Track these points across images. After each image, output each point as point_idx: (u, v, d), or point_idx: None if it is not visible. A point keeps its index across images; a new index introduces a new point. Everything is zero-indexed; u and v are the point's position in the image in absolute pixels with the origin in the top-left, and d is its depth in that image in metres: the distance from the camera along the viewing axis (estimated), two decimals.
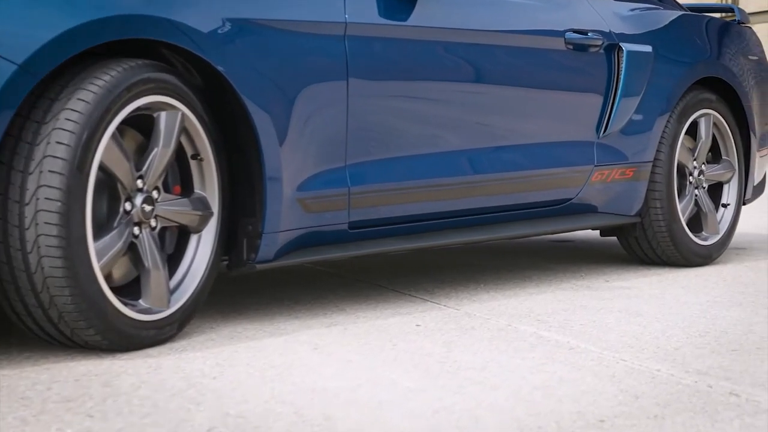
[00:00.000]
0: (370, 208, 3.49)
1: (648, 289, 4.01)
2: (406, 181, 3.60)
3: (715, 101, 4.74)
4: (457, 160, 3.76)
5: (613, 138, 4.32)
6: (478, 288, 4.00)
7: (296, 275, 4.30)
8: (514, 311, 3.53)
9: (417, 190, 3.65)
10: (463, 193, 3.82)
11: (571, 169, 4.19)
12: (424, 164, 3.65)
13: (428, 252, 4.97)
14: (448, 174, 3.73)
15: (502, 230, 4.00)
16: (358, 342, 3.02)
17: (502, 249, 5.25)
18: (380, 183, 3.50)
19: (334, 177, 3.35)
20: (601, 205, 4.36)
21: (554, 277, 4.29)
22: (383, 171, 3.51)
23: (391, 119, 3.52)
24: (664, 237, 4.51)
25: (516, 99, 3.96)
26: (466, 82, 3.78)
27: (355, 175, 3.41)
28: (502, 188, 3.95)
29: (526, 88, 4.00)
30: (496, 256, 4.97)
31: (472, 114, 3.82)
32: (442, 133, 3.72)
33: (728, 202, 4.87)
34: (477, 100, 3.82)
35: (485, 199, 3.92)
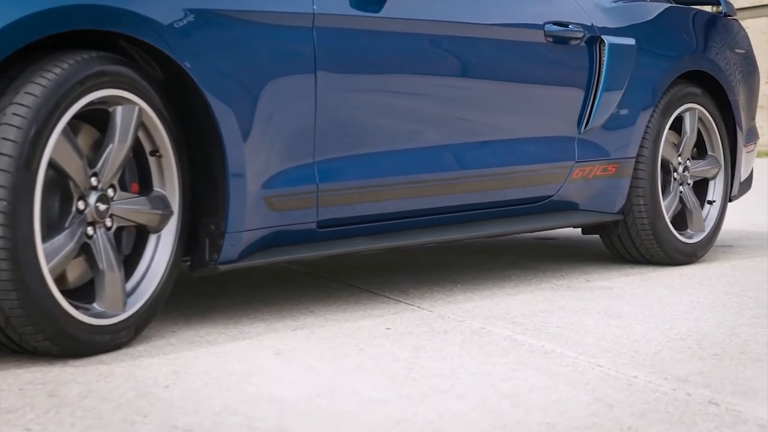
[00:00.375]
0: (340, 207, 3.35)
1: (630, 289, 3.88)
2: (379, 178, 3.46)
3: (701, 95, 4.61)
4: (432, 156, 3.63)
5: (595, 133, 4.18)
6: (455, 288, 3.87)
7: (268, 275, 4.16)
8: (489, 313, 3.40)
9: (390, 187, 3.52)
10: (439, 191, 3.69)
11: (551, 166, 4.05)
12: (398, 161, 3.52)
13: (406, 251, 4.83)
14: (422, 171, 3.59)
15: (480, 229, 3.87)
16: (323, 347, 2.89)
17: (483, 247, 5.12)
18: (351, 180, 3.36)
19: (302, 174, 3.22)
20: (583, 202, 4.22)
21: (534, 277, 4.16)
22: (354, 168, 3.38)
23: (362, 114, 3.39)
24: (648, 235, 4.38)
25: (493, 93, 3.82)
26: (441, 75, 3.65)
27: (324, 171, 3.27)
28: (479, 185, 3.82)
29: (504, 82, 3.87)
30: (476, 255, 4.84)
31: (448, 109, 3.68)
32: (417, 128, 3.59)
33: (714, 199, 4.74)
34: (453, 95, 3.69)
35: (462, 197, 3.78)
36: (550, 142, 4.05)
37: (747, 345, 2.95)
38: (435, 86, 3.63)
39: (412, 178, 3.57)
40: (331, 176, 3.29)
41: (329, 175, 3.28)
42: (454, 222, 3.84)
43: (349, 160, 3.36)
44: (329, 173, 3.28)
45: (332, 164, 3.30)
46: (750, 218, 6.74)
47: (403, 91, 3.52)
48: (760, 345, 2.94)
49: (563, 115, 4.08)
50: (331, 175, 3.29)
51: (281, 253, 3.23)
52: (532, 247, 5.19)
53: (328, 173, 3.28)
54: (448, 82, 3.67)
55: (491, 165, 3.85)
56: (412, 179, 3.57)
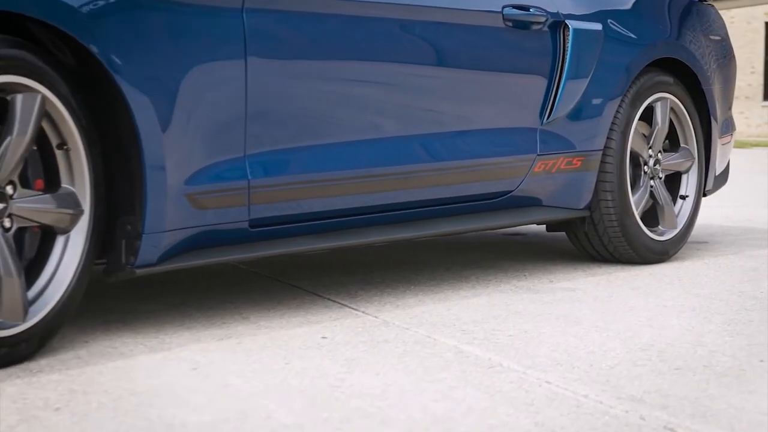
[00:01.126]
0: (276, 204, 3.07)
1: (594, 291, 3.61)
2: (320, 173, 3.18)
3: (673, 84, 4.33)
4: (380, 148, 3.35)
5: (559, 124, 3.91)
6: (407, 291, 3.59)
7: (210, 274, 3.88)
8: (438, 319, 3.12)
9: (334, 182, 3.24)
10: (389, 186, 3.41)
11: (511, 159, 3.78)
12: (341, 154, 3.24)
13: (363, 249, 4.56)
14: (369, 165, 3.32)
15: (433, 227, 3.60)
16: (247, 360, 2.61)
17: (445, 244, 4.84)
18: (288, 175, 3.08)
19: (231, 169, 2.94)
20: (546, 197, 3.95)
21: (494, 277, 3.88)
22: (291, 162, 3.10)
23: (299, 104, 3.10)
24: (616, 232, 4.11)
25: (446, 81, 3.55)
26: (388, 62, 3.36)
27: (257, 166, 2.99)
28: (432, 180, 3.54)
29: (458, 69, 3.59)
30: (437, 252, 4.56)
31: (397, 98, 3.40)
32: (362, 118, 3.31)
33: (687, 194, 4.47)
34: (402, 82, 3.41)
35: (413, 192, 3.51)
36: (510, 133, 3.78)
37: (713, 357, 2.68)
38: (382, 73, 3.35)
39: (358, 173, 3.29)
40: (265, 171, 3.01)
41: (262, 170, 3.00)
42: (406, 219, 3.56)
43: (285, 154, 3.08)
44: (262, 168, 3.00)
45: (266, 158, 3.02)
46: (727, 212, 6.48)
47: (347, 78, 3.24)
48: (726, 357, 2.67)
49: (524, 104, 3.81)
50: (264, 169, 3.01)
51: (209, 255, 2.95)
52: (498, 244, 4.92)
53: (261, 168, 3.00)
54: (396, 69, 3.39)
55: (444, 158, 3.57)
56: (358, 174, 3.29)
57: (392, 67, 3.37)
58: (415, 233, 3.53)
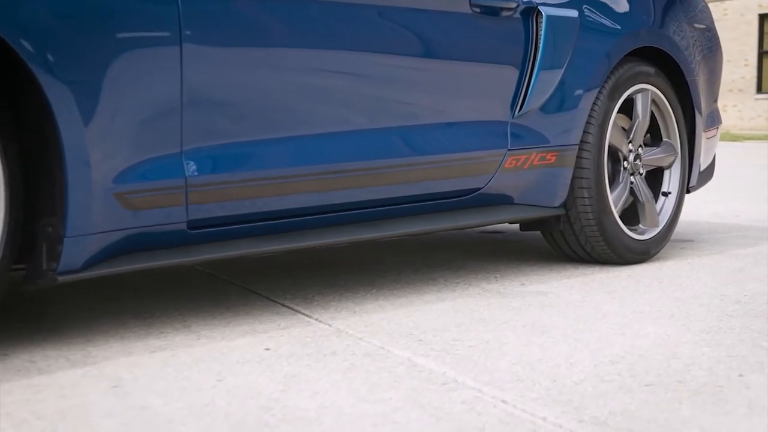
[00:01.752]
0: (219, 203, 2.83)
1: (567, 295, 3.36)
2: (270, 169, 2.94)
3: (654, 75, 4.09)
4: (334, 143, 3.10)
5: (531, 117, 3.66)
6: (368, 295, 3.35)
7: (159, 276, 3.63)
8: (396, 327, 2.88)
9: (286, 179, 2.99)
10: (346, 183, 3.16)
11: (480, 154, 3.53)
12: (292, 149, 2.99)
13: (328, 250, 4.31)
14: (322, 161, 3.07)
15: (395, 227, 3.35)
16: (176, 376, 2.37)
17: (417, 243, 4.59)
18: (230, 172, 2.83)
19: (166, 165, 2.69)
20: (518, 195, 3.70)
21: (463, 279, 3.64)
22: (236, 157, 2.85)
23: (245, 94, 2.85)
24: (594, 232, 3.87)
25: (409, 70, 3.30)
26: (345, 49, 3.11)
27: (196, 162, 2.74)
28: (395, 176, 3.30)
29: (422, 59, 3.34)
30: (407, 252, 4.32)
31: (355, 87, 3.16)
32: (316, 110, 3.06)
33: (669, 191, 4.23)
34: (360, 72, 3.16)
35: (374, 190, 3.26)
36: (478, 127, 3.53)
37: (688, 371, 2.43)
38: (337, 61, 3.10)
39: (313, 169, 3.04)
40: (205, 168, 2.76)
41: (202, 167, 2.76)
42: (367, 219, 3.31)
43: (230, 149, 2.83)
44: (202, 164, 2.76)
45: (207, 153, 2.77)
46: (716, 208, 6.24)
47: (298, 66, 2.99)
48: (702, 371, 2.43)
49: (493, 96, 3.56)
50: (204, 166, 2.76)
51: (142, 259, 2.70)
52: (472, 243, 4.67)
53: (200, 164, 2.75)
54: (354, 58, 3.14)
55: (408, 154, 3.33)
56: (313, 170, 3.04)
57: (348, 54, 3.12)
58: (375, 234, 3.28)
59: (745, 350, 2.63)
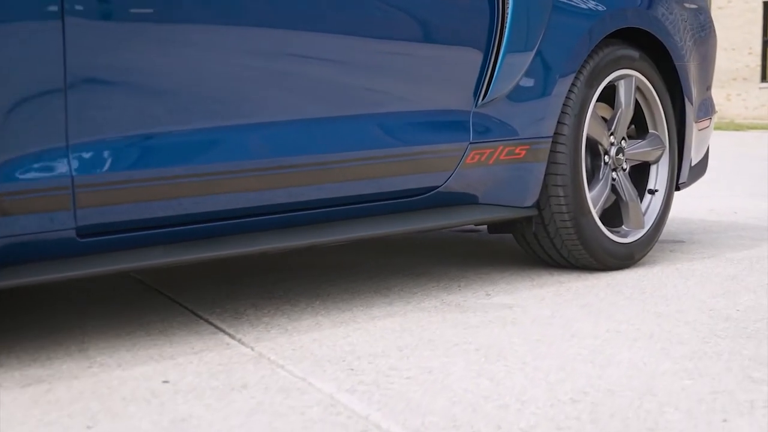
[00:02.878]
0: (115, 207, 2.40)
1: (536, 309, 2.94)
2: (181, 166, 2.51)
3: (639, 59, 3.65)
4: (261, 136, 2.67)
5: (497, 106, 3.22)
6: (308, 308, 2.93)
7: (72, 286, 3.21)
8: (328, 351, 2.46)
9: (203, 178, 2.56)
10: (277, 182, 2.73)
11: (437, 148, 3.10)
12: (211, 142, 2.56)
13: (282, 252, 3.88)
14: (246, 156, 2.64)
15: (334, 231, 2.91)
16: (39, 420, 1.94)
17: (382, 244, 4.15)
18: (132, 170, 2.41)
19: (48, 162, 2.26)
20: (483, 194, 3.27)
21: (422, 288, 3.21)
22: (137, 152, 2.42)
23: (146, 78, 2.42)
24: (570, 234, 3.43)
25: (355, 53, 2.87)
26: (277, 27, 2.68)
27: (85, 158, 2.31)
28: (337, 174, 2.87)
29: (372, 39, 2.90)
30: (369, 254, 3.88)
31: (288, 72, 2.72)
32: (237, 97, 2.62)
33: (656, 188, 3.79)
34: (295, 52, 2.73)
35: (313, 190, 2.83)
36: (435, 117, 3.09)
37: (662, 413, 2.00)
38: (269, 40, 2.66)
39: (234, 166, 2.62)
40: (97, 165, 2.33)
41: (93, 164, 2.33)
42: (305, 222, 2.89)
43: (129, 142, 2.40)
44: (93, 160, 2.33)
45: (99, 147, 2.34)
46: (713, 204, 5.80)
47: (218, 45, 2.56)
48: (679, 414, 1.99)
49: (452, 82, 3.12)
50: (96, 163, 2.33)
51: (25, 273, 2.27)
52: (444, 243, 4.24)
53: (90, 160, 2.32)
54: (288, 37, 2.70)
55: (353, 147, 2.90)
56: (234, 167, 2.62)
57: (278, 32, 2.69)
58: (313, 239, 2.85)
59: (733, 383, 2.20)
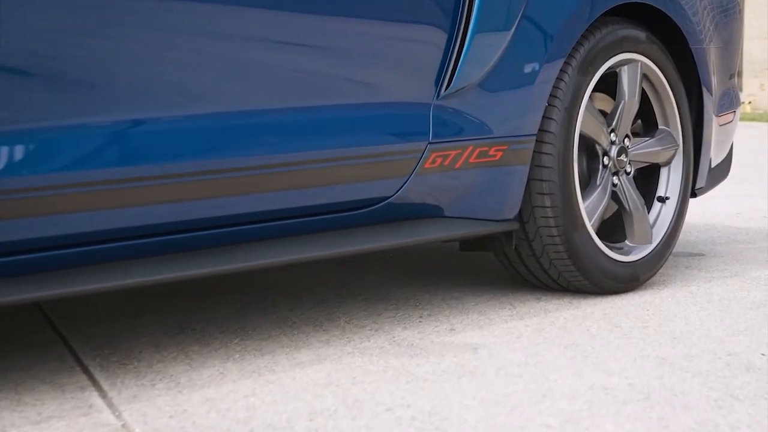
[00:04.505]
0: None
1: (506, 352, 2.30)
2: (51, 174, 1.90)
3: (646, 42, 2.99)
4: (170, 133, 2.06)
5: (465, 98, 2.58)
6: (220, 350, 2.31)
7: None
8: (216, 420, 1.83)
9: (81, 189, 1.95)
10: (189, 192, 2.12)
11: (386, 149, 2.46)
12: (100, 142, 1.95)
13: None
14: (163, 158, 2.03)
15: (262, 253, 2.29)
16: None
17: (349, 258, 3.51)
18: (21, 176, 1.81)
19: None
20: (449, 205, 2.63)
21: (375, 319, 2.58)
22: (31, 153, 1.82)
23: (47, 59, 1.82)
24: (559, 252, 2.79)
25: (287, 30, 2.24)
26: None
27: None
28: (264, 181, 2.25)
29: (306, 14, 2.27)
30: (327, 273, 3.25)
31: (206, 55, 2.11)
32: (148, 85, 2.01)
33: (667, 195, 3.13)
34: (214, 31, 2.12)
35: (234, 202, 2.22)
36: (384, 111, 2.45)
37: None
38: (184, 16, 2.05)
39: (142, 172, 2.01)
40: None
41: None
42: (225, 242, 2.27)
43: (17, 139, 1.80)
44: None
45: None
46: (741, 206, 5.10)
47: (124, 19, 1.94)
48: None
49: (407, 68, 2.48)
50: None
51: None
52: (422, 255, 3.59)
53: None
54: (208, 12, 2.08)
55: (284, 149, 2.28)
56: (142, 173, 2.01)
57: (203, 8, 2.07)
58: (230, 265, 2.23)
59: None
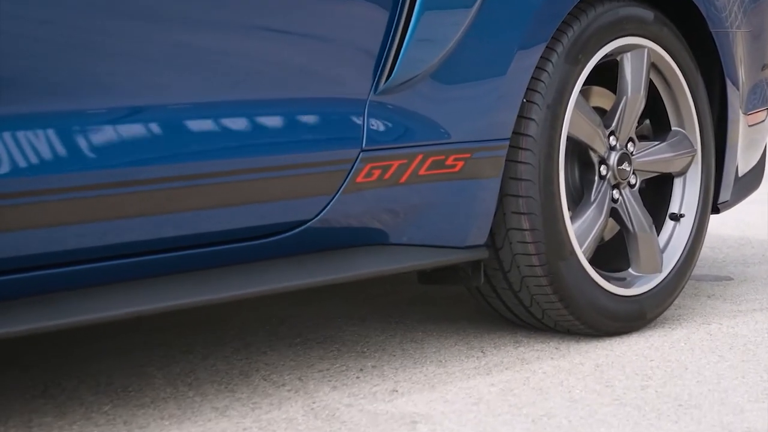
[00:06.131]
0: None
1: (454, 427, 1.71)
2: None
3: (654, 23, 2.39)
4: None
5: (413, 92, 1.98)
6: (88, 422, 1.74)
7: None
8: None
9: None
10: (35, 217, 1.57)
11: (303, 159, 1.87)
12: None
13: None
14: None
15: (133, 300, 1.72)
16: None
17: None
18: None
19: None
20: (395, 230, 2.03)
21: (298, 377, 2.02)
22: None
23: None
24: (542, 287, 2.19)
25: (175, 5, 1.68)
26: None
27: None
28: (140, 202, 1.69)
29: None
30: (278, 305, 2.67)
31: (62, 39, 1.56)
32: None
33: (682, 212, 2.51)
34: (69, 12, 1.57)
35: (96, 231, 1.66)
36: (301, 109, 1.87)
37: None
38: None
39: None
40: None
41: None
42: (88, 282, 1.71)
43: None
44: None
45: None
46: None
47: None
48: None
49: (333, 53, 1.90)
50: None
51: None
52: (397, 280, 3.00)
53: None
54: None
55: (168, 158, 1.71)
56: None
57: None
58: (91, 315, 1.67)
59: None
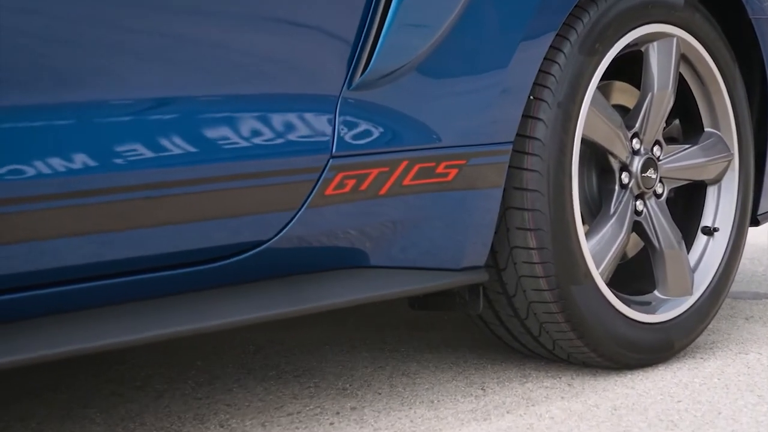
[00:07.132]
0: None
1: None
2: None
3: (684, 9, 2.06)
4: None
5: (395, 87, 1.67)
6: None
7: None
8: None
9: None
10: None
11: (260, 168, 1.56)
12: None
13: None
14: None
15: (54, 340, 1.43)
16: None
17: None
18: None
19: None
20: (374, 250, 1.72)
21: (269, 418, 1.71)
22: None
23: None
24: (552, 313, 1.88)
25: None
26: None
27: None
28: (71, 218, 1.40)
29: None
30: (248, 337, 2.37)
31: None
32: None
33: (716, 225, 2.18)
34: None
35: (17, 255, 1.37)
36: (258, 108, 1.56)
37: None
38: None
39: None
40: None
41: None
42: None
43: None
44: None
45: None
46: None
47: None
48: None
49: (298, 43, 1.59)
50: None
51: None
52: (381, 312, 2.68)
53: None
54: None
55: (106, 167, 1.42)
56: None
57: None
58: (18, 355, 1.38)
59: None
